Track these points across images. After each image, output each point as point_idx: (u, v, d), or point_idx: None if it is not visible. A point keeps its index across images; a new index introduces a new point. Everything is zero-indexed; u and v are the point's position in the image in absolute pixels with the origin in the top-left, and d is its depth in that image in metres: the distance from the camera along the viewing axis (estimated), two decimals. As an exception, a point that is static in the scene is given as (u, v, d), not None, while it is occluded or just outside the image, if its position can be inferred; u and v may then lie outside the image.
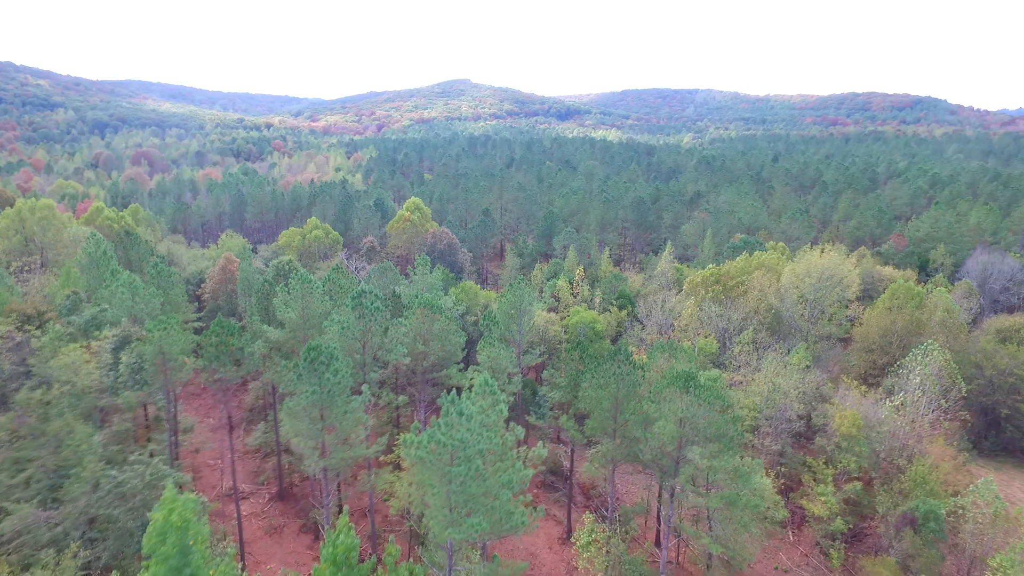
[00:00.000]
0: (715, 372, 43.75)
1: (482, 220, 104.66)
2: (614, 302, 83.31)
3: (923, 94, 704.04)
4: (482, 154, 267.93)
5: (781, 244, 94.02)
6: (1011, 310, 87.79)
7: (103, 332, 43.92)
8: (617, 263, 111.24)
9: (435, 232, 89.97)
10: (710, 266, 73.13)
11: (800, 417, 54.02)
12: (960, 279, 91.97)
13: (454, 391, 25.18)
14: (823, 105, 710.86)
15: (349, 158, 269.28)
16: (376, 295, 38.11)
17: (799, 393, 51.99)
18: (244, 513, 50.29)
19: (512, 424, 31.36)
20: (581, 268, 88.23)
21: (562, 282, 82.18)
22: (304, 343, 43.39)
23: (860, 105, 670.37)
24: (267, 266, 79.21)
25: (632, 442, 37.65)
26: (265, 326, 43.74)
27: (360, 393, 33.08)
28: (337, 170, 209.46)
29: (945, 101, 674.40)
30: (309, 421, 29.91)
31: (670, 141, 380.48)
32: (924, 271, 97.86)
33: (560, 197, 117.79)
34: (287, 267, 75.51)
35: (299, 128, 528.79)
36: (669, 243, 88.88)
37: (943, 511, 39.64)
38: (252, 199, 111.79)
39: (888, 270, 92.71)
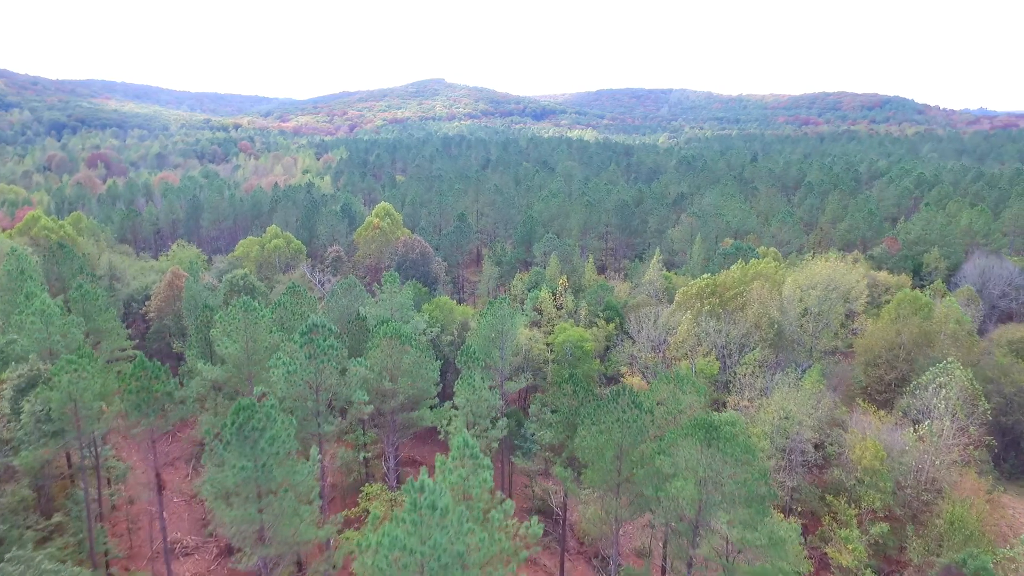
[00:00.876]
0: (732, 415, 38.18)
1: (457, 226, 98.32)
2: (600, 314, 77.74)
3: (891, 94, 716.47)
4: (457, 155, 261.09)
5: (773, 250, 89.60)
6: (1010, 316, 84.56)
7: (3, 372, 36.60)
8: (601, 270, 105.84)
9: (406, 240, 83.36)
10: (704, 276, 67.93)
11: (816, 447, 49.03)
12: (956, 284, 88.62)
13: (423, 476, 18.93)
14: (795, 105, 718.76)
15: (319, 160, 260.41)
16: (329, 329, 31.62)
17: (814, 421, 46.95)
18: (187, 574, 43.37)
19: (499, 494, 25.23)
20: (564, 277, 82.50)
21: (544, 293, 76.33)
22: (251, 380, 36.73)
23: (831, 105, 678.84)
24: (220, 281, 71.81)
25: (640, 497, 31.89)
26: (201, 363, 36.83)
27: (318, 453, 26.63)
28: (305, 172, 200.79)
29: (912, 101, 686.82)
30: (242, 502, 23.35)
31: (647, 141, 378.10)
32: (918, 275, 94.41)
33: (539, 200, 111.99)
34: (241, 282, 68.34)
35: (268, 129, 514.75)
36: (657, 250, 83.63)
37: (991, 564, 34.66)
38: (209, 205, 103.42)
39: (883, 275, 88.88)
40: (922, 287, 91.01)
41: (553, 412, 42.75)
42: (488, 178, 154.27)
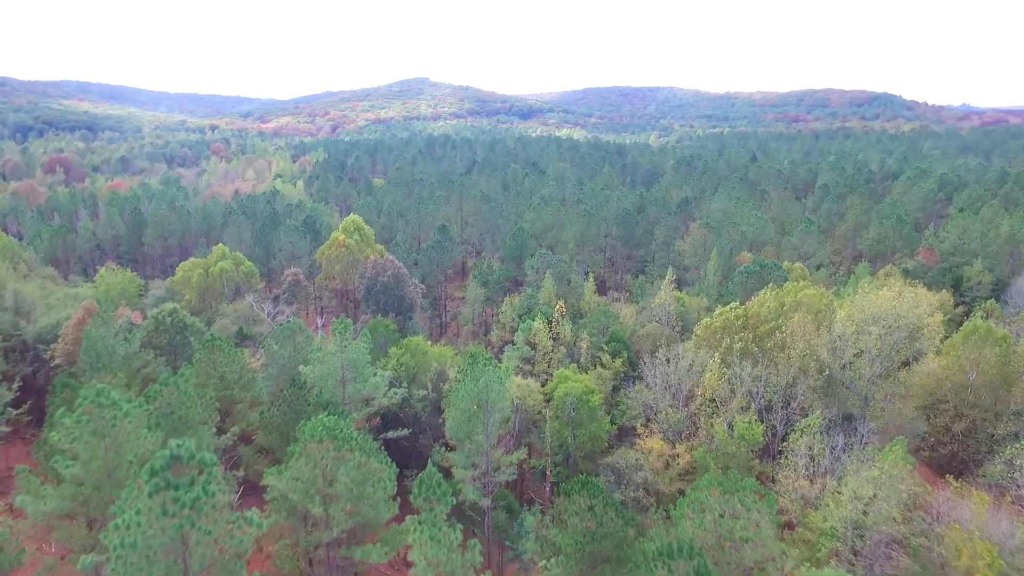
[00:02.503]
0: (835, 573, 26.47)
1: (437, 240, 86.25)
2: (605, 347, 66.00)
3: (879, 90, 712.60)
4: (441, 156, 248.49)
5: (799, 266, 78.41)
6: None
7: None
8: (601, 288, 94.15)
9: (376, 261, 71.12)
10: (732, 306, 56.32)
11: (897, 543, 37.68)
12: (1005, 302, 77.98)
13: None
14: (783, 102, 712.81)
15: (295, 162, 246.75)
16: (202, 461, 19.40)
17: (900, 512, 35.65)
18: None
19: None
20: (560, 301, 70.65)
21: (538, 324, 64.48)
22: (105, 506, 24.38)
23: (820, 101, 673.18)
24: (147, 318, 59.17)
25: None
26: (45, 487, 24.47)
27: None
28: (277, 176, 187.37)
29: (900, 97, 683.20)
30: None
31: (637, 140, 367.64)
32: (957, 291, 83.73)
33: (530, 209, 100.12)
34: (169, 320, 55.74)
35: (247, 130, 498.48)
36: (670, 270, 72.02)
37: None
38: (153, 219, 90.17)
39: (923, 292, 77.94)
40: (965, 305, 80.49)
41: (558, 522, 31.06)
42: (474, 182, 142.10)
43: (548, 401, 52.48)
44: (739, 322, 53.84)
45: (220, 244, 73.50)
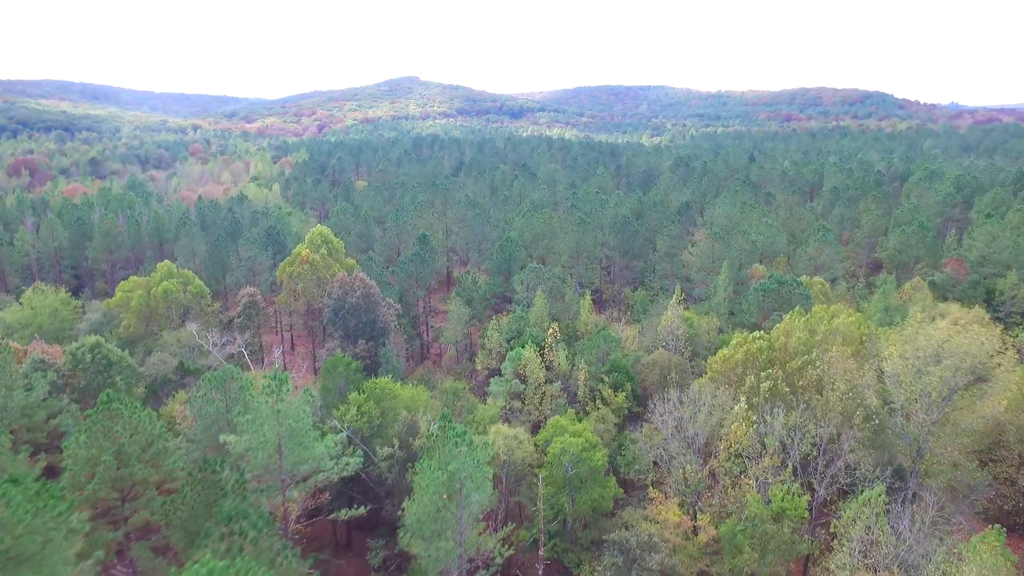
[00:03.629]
0: None
1: (417, 252, 77.64)
2: (605, 378, 57.67)
3: (871, 89, 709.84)
4: (428, 157, 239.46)
5: (819, 280, 70.39)
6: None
7: None
8: (598, 303, 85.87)
9: (343, 279, 62.36)
10: (755, 334, 48.10)
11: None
12: (1045, 318, 70.54)
13: None
14: (775, 101, 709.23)
15: (276, 163, 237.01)
16: None
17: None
18: None
19: None
20: (554, 324, 62.20)
21: (529, 354, 56.04)
22: None
23: (812, 100, 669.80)
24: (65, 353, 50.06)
25: None
26: None
27: None
28: (253, 179, 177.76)
29: (892, 95, 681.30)
30: None
31: (630, 140, 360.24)
32: (990, 305, 76.19)
33: (520, 216, 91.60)
34: (89, 357, 47.17)
35: (230, 130, 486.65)
36: (677, 289, 63.83)
37: None
38: (100, 229, 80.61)
39: (954, 308, 70.29)
40: (999, 322, 72.95)
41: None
42: (459, 186, 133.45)
43: (541, 453, 44.04)
44: (764, 356, 45.63)
45: (165, 262, 64.37)
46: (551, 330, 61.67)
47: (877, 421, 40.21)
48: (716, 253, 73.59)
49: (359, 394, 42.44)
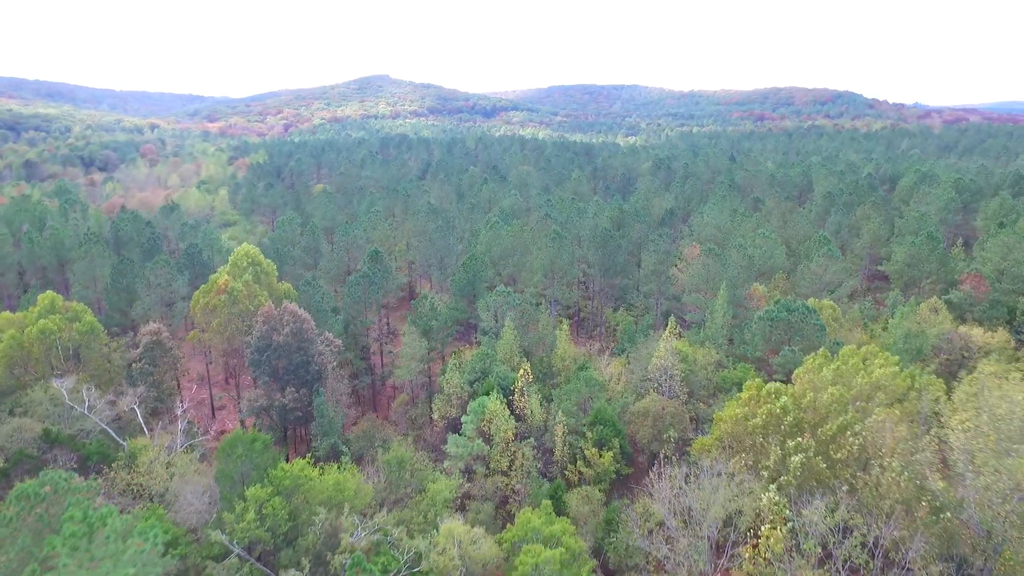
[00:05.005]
0: None
1: (366, 271, 66.68)
2: (588, 432, 47.57)
3: (841, 88, 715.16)
4: (395, 157, 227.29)
5: (828, 304, 61.32)
6: None
7: None
8: (575, 322, 75.82)
9: (269, 312, 51.14)
10: (773, 386, 38.37)
11: None
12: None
13: None
14: (748, 100, 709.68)
15: (231, 165, 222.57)
16: None
17: None
18: None
19: None
20: (526, 364, 51.80)
21: (494, 405, 45.67)
22: None
23: (784, 100, 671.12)
24: None
25: None
26: None
27: None
28: (201, 184, 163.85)
29: (862, 95, 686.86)
30: None
31: (605, 140, 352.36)
32: (1011, 325, 68.18)
33: (487, 228, 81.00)
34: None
35: (190, 130, 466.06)
36: (671, 321, 54.03)
37: None
38: (-14, 248, 67.69)
39: (978, 332, 61.93)
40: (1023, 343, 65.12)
41: None
42: (424, 190, 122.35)
43: (508, 555, 33.61)
44: (791, 420, 35.89)
45: (47, 293, 52.19)
46: (522, 371, 51.40)
47: (948, 515, 30.68)
48: (710, 272, 64.04)
49: (263, 487, 31.51)
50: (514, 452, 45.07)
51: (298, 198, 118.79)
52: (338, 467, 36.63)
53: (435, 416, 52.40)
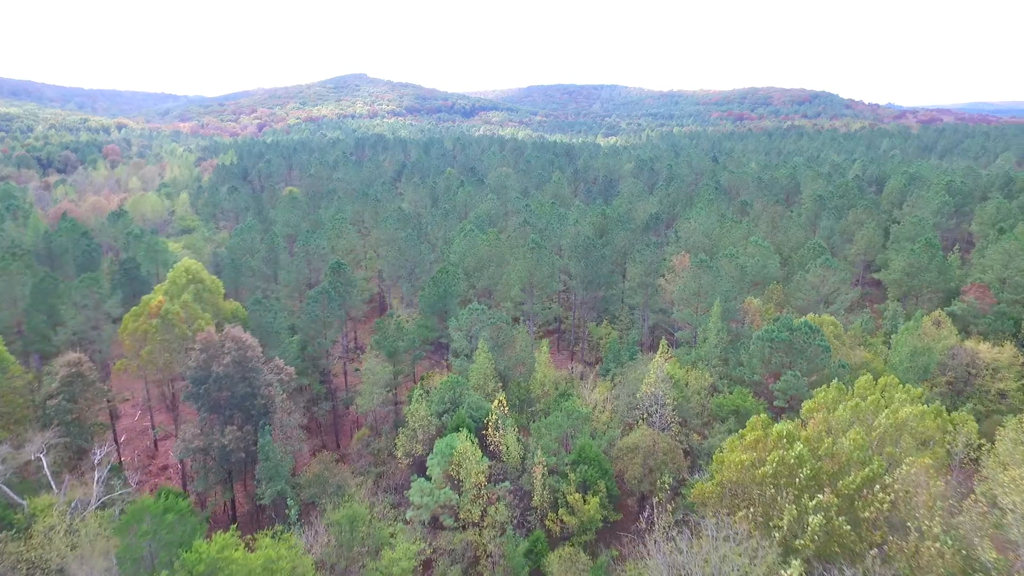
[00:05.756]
0: None
1: (325, 287, 60.56)
2: (571, 473, 42.05)
3: (817, 89, 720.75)
4: (370, 158, 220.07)
5: (829, 319, 56.62)
6: None
7: None
8: (556, 338, 70.36)
9: (208, 339, 44.81)
10: (782, 426, 33.20)
11: None
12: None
13: None
14: (726, 100, 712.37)
15: (198, 166, 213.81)
16: None
17: None
18: None
19: None
20: (502, 396, 46.08)
21: (464, 447, 39.99)
22: None
23: (762, 100, 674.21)
24: None
25: None
26: None
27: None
28: (163, 187, 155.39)
29: (838, 96, 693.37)
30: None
31: (586, 140, 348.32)
32: (1016, 338, 64.32)
33: (462, 236, 75.12)
34: None
35: (160, 130, 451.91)
36: (663, 344, 48.86)
37: None
38: None
39: (985, 348, 57.72)
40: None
41: None
42: (397, 194, 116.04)
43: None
44: (805, 469, 30.71)
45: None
46: (496, 401, 45.75)
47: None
48: (701, 284, 58.97)
49: (173, 570, 25.39)
50: (487, 500, 39.35)
51: (260, 203, 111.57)
52: (273, 535, 30.60)
53: (399, 454, 46.48)
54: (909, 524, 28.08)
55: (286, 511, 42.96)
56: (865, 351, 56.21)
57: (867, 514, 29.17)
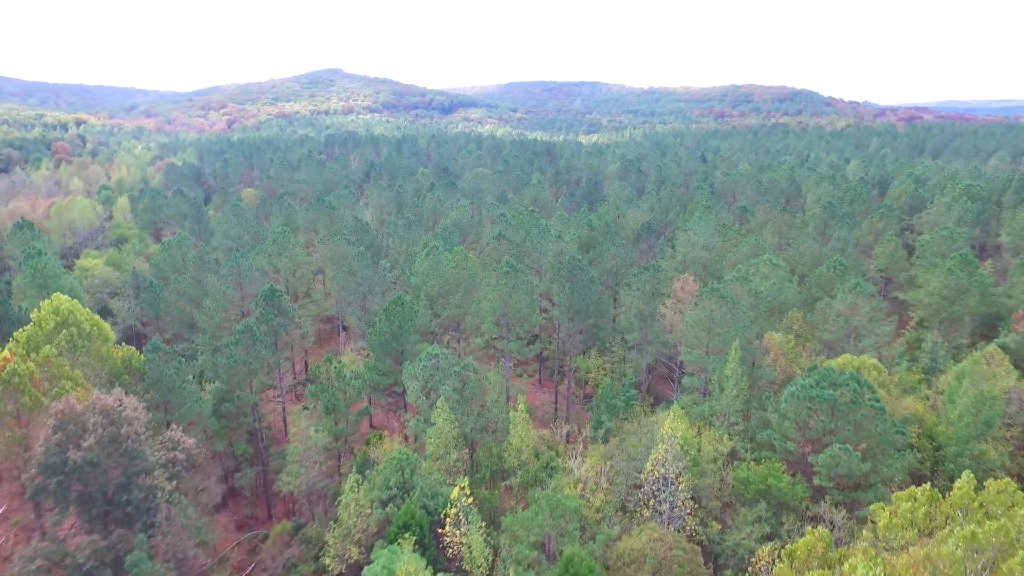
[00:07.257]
0: None
1: (251, 323, 48.86)
2: (556, 596, 30.99)
3: (798, 86, 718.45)
4: (339, 157, 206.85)
5: (870, 361, 46.17)
6: None
7: None
8: (536, 370, 59.26)
9: (68, 410, 32.88)
10: (861, 566, 22.52)
11: None
12: None
13: None
14: (707, 97, 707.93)
15: (152, 166, 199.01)
16: None
17: None
18: None
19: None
20: (464, 481, 34.84)
21: (408, 567, 28.82)
22: None
23: (743, 97, 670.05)
24: None
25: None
26: None
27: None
28: (103, 189, 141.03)
29: (818, 93, 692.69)
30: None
31: (567, 138, 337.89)
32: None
33: (425, 254, 63.60)
34: None
35: (122, 126, 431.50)
36: (675, 407, 38.04)
37: None
38: None
39: (1048, 392, 47.94)
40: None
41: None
42: (362, 197, 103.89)
43: None
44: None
45: None
46: (458, 489, 34.69)
47: None
48: (713, 319, 48.27)
49: None
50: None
51: (199, 210, 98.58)
52: None
53: (328, 563, 35.00)
54: None
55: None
56: (915, 400, 46.14)
57: None
